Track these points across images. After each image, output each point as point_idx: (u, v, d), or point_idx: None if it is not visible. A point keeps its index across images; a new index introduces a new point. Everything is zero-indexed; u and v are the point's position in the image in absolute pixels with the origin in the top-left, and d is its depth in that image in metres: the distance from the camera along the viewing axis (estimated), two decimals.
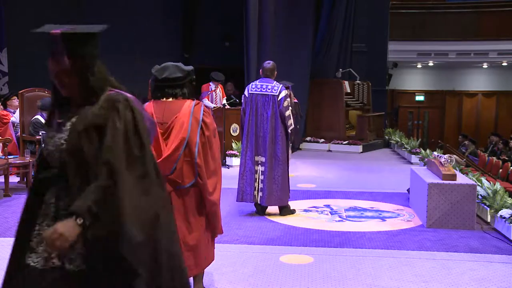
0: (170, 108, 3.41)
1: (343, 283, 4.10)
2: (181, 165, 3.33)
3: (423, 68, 20.23)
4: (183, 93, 3.45)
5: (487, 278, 4.28)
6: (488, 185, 6.35)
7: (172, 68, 3.44)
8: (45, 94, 8.07)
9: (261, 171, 6.07)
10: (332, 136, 13.45)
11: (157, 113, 3.41)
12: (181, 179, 3.35)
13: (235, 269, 4.28)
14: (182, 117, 3.35)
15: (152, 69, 3.51)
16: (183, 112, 3.37)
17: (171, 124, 3.36)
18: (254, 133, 6.07)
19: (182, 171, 3.34)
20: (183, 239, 3.36)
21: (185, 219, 3.39)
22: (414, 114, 19.62)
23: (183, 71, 3.44)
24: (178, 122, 3.35)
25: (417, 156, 10.81)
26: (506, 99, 19.81)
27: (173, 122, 3.36)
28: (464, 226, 5.72)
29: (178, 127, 3.34)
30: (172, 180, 3.34)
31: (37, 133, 7.57)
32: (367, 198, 7.33)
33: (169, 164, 3.30)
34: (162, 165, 3.28)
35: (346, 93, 14.00)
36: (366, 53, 15.47)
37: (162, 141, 3.34)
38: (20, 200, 6.81)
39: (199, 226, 3.44)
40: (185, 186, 3.36)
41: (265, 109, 6.03)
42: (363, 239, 5.33)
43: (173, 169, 3.32)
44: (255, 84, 6.16)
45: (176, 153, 3.31)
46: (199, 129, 3.36)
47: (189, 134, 3.33)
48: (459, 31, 17.62)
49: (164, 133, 3.36)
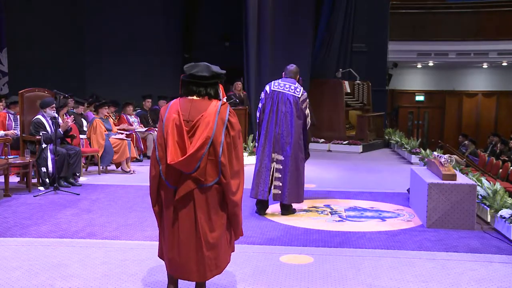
0: (196, 107, 3.41)
1: (343, 283, 4.10)
2: (205, 164, 3.33)
3: (423, 68, 20.24)
4: (208, 92, 3.46)
5: (487, 278, 4.28)
6: (488, 185, 6.35)
7: (202, 66, 3.46)
8: (45, 94, 8.06)
9: (278, 168, 6.15)
10: (332, 136, 13.45)
11: (183, 110, 3.41)
12: (204, 178, 3.34)
13: (235, 269, 4.28)
14: (208, 116, 3.36)
15: (185, 66, 3.53)
16: (209, 111, 3.38)
17: (196, 122, 3.36)
18: (273, 130, 6.14)
19: (205, 170, 3.33)
20: (204, 237, 3.37)
21: (208, 217, 3.38)
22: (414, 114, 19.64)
23: (210, 72, 3.45)
24: (204, 120, 3.35)
25: (417, 156, 10.81)
26: (506, 99, 19.82)
27: (199, 120, 3.36)
28: (464, 226, 5.72)
29: (203, 126, 3.34)
30: (195, 178, 3.33)
31: (37, 133, 7.56)
32: (367, 198, 7.33)
33: (193, 162, 3.29)
34: (185, 163, 3.29)
35: (346, 93, 14.00)
36: (366, 53, 15.47)
37: (187, 139, 3.34)
38: (20, 200, 6.82)
39: (220, 225, 3.43)
40: (208, 185, 3.36)
41: (286, 107, 6.11)
42: (363, 239, 5.33)
43: (197, 167, 3.30)
44: (277, 82, 6.24)
45: (201, 152, 3.30)
46: (224, 129, 3.36)
47: (214, 133, 3.33)
48: (459, 31, 17.63)
49: (189, 131, 3.36)
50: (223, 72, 3.56)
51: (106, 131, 9.18)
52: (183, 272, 3.45)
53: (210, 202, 3.38)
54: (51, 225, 5.62)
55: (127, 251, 4.76)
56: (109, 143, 9.04)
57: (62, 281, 4.01)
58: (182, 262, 3.41)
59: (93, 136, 8.98)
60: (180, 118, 3.37)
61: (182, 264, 3.42)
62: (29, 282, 3.99)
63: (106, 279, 4.08)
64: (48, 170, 7.48)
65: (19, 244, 4.95)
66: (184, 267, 3.42)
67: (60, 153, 7.51)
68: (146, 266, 4.34)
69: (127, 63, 14.38)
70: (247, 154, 10.41)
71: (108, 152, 9.01)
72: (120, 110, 11.08)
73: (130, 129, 10.27)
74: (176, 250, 3.42)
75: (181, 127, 3.35)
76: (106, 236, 5.28)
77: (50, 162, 7.48)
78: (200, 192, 3.37)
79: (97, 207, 6.50)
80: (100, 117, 9.30)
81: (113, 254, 4.67)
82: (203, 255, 3.38)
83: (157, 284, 3.96)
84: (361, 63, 15.25)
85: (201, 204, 3.37)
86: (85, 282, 4.00)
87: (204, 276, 3.44)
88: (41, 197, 6.99)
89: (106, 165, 9.18)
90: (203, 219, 3.37)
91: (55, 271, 4.23)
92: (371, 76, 15.13)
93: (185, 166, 3.31)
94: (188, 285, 3.81)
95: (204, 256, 3.38)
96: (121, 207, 6.50)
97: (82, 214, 6.15)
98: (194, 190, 3.35)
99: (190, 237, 3.38)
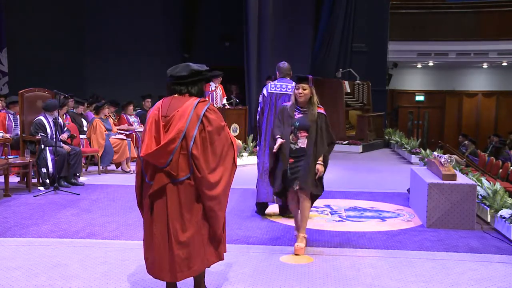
0: (175, 103, 3.45)
1: (343, 283, 4.10)
2: (177, 158, 3.33)
3: (423, 68, 20.24)
4: (189, 91, 3.49)
5: (487, 278, 4.28)
6: (488, 185, 6.35)
7: (181, 67, 3.52)
8: (45, 94, 8.06)
9: None
10: None
11: (163, 107, 3.46)
12: (176, 172, 3.33)
13: (235, 269, 4.28)
14: (183, 111, 3.38)
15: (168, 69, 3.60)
16: (185, 106, 3.40)
17: (172, 117, 3.39)
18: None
19: (177, 164, 3.33)
20: (175, 235, 3.34)
21: (179, 214, 3.36)
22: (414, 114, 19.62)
23: (189, 71, 3.48)
24: (178, 115, 3.38)
25: (417, 156, 10.82)
26: (506, 99, 19.82)
27: (174, 115, 3.39)
28: (464, 226, 5.72)
29: (177, 120, 3.37)
30: (167, 172, 3.33)
31: (37, 133, 7.56)
32: (367, 198, 7.33)
33: (165, 155, 3.30)
34: (156, 155, 3.29)
35: (346, 93, 14.00)
36: (366, 53, 15.48)
37: (163, 133, 3.36)
38: (20, 200, 6.82)
39: (194, 223, 3.39)
40: (180, 179, 3.35)
41: None
42: (363, 239, 5.33)
43: (169, 160, 3.31)
44: (274, 84, 6.22)
45: (172, 145, 3.31)
46: (198, 123, 3.36)
47: (187, 127, 3.33)
48: (459, 31, 17.63)
49: (165, 125, 3.39)
50: (203, 69, 3.56)
51: (106, 131, 9.18)
52: (155, 271, 3.42)
53: (182, 198, 3.36)
54: (51, 225, 5.62)
55: (127, 251, 4.76)
56: (109, 143, 9.04)
57: (62, 281, 4.01)
58: (156, 261, 3.40)
59: (93, 136, 8.98)
60: (159, 114, 3.42)
61: (156, 263, 3.40)
62: (29, 282, 3.99)
63: (106, 279, 4.08)
64: (48, 170, 7.48)
65: (19, 244, 4.95)
66: (157, 266, 3.40)
67: (60, 153, 7.51)
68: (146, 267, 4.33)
69: (127, 63, 14.38)
70: (247, 154, 10.41)
71: (108, 152, 9.01)
72: (120, 110, 11.08)
73: (130, 129, 10.26)
74: (151, 248, 3.41)
75: (158, 122, 3.39)
76: (106, 236, 5.28)
77: (50, 162, 7.48)
78: (172, 188, 3.35)
79: (97, 207, 6.50)
80: (100, 117, 9.30)
81: (113, 254, 4.67)
82: (173, 254, 3.35)
83: (157, 284, 3.95)
84: (361, 63, 15.25)
85: (173, 201, 3.35)
86: (85, 282, 4.00)
87: (174, 276, 3.38)
88: (41, 197, 6.99)
89: (106, 165, 9.18)
90: (174, 216, 3.35)
91: (55, 271, 4.23)
92: (371, 76, 15.13)
93: (157, 158, 3.31)
94: (189, 286, 3.81)
95: (174, 255, 3.34)
96: (121, 207, 6.50)
97: (82, 214, 6.15)
98: (167, 186, 3.34)
99: (163, 235, 3.36)
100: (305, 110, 4.82)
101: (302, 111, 4.84)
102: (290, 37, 12.87)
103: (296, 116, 4.83)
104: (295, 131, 4.81)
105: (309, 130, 4.78)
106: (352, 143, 13.11)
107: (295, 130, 4.81)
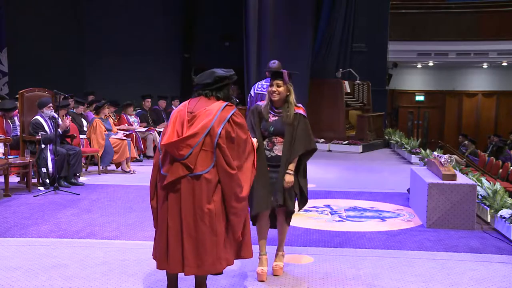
0: (202, 103, 3.51)
1: (343, 283, 4.10)
2: (197, 152, 3.34)
3: (423, 68, 20.24)
4: (216, 95, 3.55)
5: (487, 278, 4.28)
6: (488, 185, 6.35)
7: (206, 74, 3.58)
8: (45, 94, 8.06)
9: None
10: (332, 136, 13.45)
11: (190, 104, 3.54)
12: (194, 165, 3.33)
13: (235, 269, 4.28)
14: (210, 110, 3.44)
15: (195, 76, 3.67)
16: (213, 106, 3.46)
17: (198, 113, 3.44)
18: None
19: (196, 158, 3.34)
20: (187, 229, 3.32)
21: (193, 209, 3.33)
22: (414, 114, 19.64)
23: (213, 78, 3.54)
24: (205, 113, 3.43)
25: (417, 156, 10.81)
26: (506, 99, 19.82)
27: (201, 111, 3.44)
28: (464, 226, 5.72)
29: (203, 117, 3.41)
30: (185, 164, 3.33)
31: (36, 133, 7.56)
32: (367, 198, 7.33)
33: (186, 148, 3.32)
34: (176, 146, 3.30)
35: (346, 93, 14.00)
36: (366, 53, 15.47)
37: (187, 127, 3.40)
38: (20, 200, 6.82)
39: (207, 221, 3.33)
40: (196, 174, 3.33)
41: None
42: (363, 239, 5.33)
43: (189, 154, 3.32)
44: (261, 84, 6.16)
45: (194, 139, 3.33)
46: (224, 123, 3.40)
47: (212, 124, 3.37)
48: (459, 31, 17.63)
49: (190, 120, 3.43)
50: (228, 74, 3.61)
51: (106, 131, 9.18)
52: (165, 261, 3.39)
53: (197, 193, 3.33)
54: (51, 225, 5.62)
55: (127, 251, 4.76)
56: (109, 143, 9.04)
57: (62, 281, 4.01)
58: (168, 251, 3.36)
59: (93, 136, 8.98)
60: (185, 109, 3.49)
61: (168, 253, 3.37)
62: (29, 282, 3.99)
63: (106, 279, 4.08)
64: (48, 170, 7.48)
65: (19, 244, 4.95)
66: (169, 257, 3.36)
67: (60, 153, 7.51)
68: (146, 266, 4.33)
69: (127, 63, 14.38)
70: None
71: (108, 152, 9.01)
72: (120, 110, 11.08)
73: (130, 129, 10.27)
74: (164, 238, 3.39)
75: (183, 117, 3.45)
76: (106, 236, 5.28)
77: (50, 162, 7.47)
78: (188, 182, 3.34)
79: (97, 207, 6.50)
80: (100, 117, 9.30)
81: (113, 254, 4.67)
82: (184, 247, 3.33)
83: (157, 284, 3.95)
84: (361, 63, 15.24)
85: (187, 195, 3.34)
86: (85, 282, 4.00)
87: (181, 269, 3.36)
88: (41, 197, 6.99)
89: (106, 165, 9.18)
90: (188, 210, 3.33)
91: (55, 271, 4.23)
92: (371, 76, 15.13)
93: (176, 149, 3.32)
94: (189, 286, 3.81)
95: (185, 249, 3.33)
96: (121, 207, 6.50)
97: (82, 214, 6.15)
98: (182, 180, 3.34)
99: (176, 228, 3.36)
100: (281, 111, 4.13)
101: (278, 113, 4.14)
102: (290, 37, 12.85)
103: (271, 119, 4.14)
104: (270, 136, 4.12)
105: (284, 134, 4.10)
106: (352, 143, 13.12)
107: (270, 135, 4.12)
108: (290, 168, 4.09)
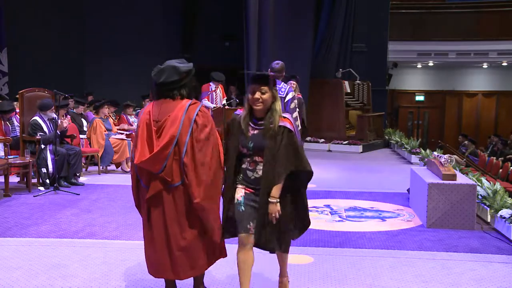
0: (166, 107, 3.37)
1: (343, 283, 4.10)
2: (171, 163, 3.30)
3: (423, 68, 20.24)
4: (181, 94, 3.41)
5: (487, 278, 4.28)
6: (488, 185, 6.35)
7: (169, 71, 3.37)
8: (45, 94, 8.06)
9: None
10: (332, 136, 13.45)
11: (154, 111, 3.39)
12: (171, 178, 3.30)
13: (235, 269, 4.27)
14: (174, 116, 3.32)
15: (152, 72, 3.45)
16: (177, 111, 3.34)
17: (164, 122, 3.33)
18: None
19: (171, 169, 3.30)
20: (174, 238, 3.34)
21: (176, 219, 3.34)
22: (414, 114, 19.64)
23: (180, 74, 3.37)
24: (170, 120, 3.32)
25: (417, 156, 10.81)
26: (506, 99, 19.82)
27: (166, 120, 3.33)
28: (464, 226, 5.72)
29: (169, 125, 3.31)
30: (162, 178, 3.30)
31: (35, 134, 7.56)
32: (367, 198, 7.33)
33: (159, 162, 3.27)
34: (150, 162, 3.26)
35: (346, 93, 14.00)
36: (366, 53, 15.47)
37: (155, 139, 3.32)
38: (20, 200, 6.82)
39: (193, 227, 3.37)
40: (174, 185, 3.32)
41: None
42: (363, 239, 5.33)
43: (163, 166, 3.28)
44: None
45: (165, 151, 3.27)
46: (190, 128, 3.30)
47: (179, 132, 3.29)
48: (459, 31, 17.63)
49: (157, 130, 3.34)
50: (191, 66, 3.45)
51: (106, 131, 9.18)
52: (159, 270, 3.44)
53: (178, 203, 3.33)
54: (51, 225, 5.62)
55: (127, 251, 4.76)
56: (109, 143, 9.04)
57: (62, 281, 4.01)
58: (158, 260, 3.41)
59: (93, 136, 8.98)
60: (150, 118, 3.35)
61: (157, 262, 3.41)
62: (29, 282, 3.99)
63: (106, 279, 4.08)
64: (48, 170, 7.48)
65: (19, 244, 4.95)
66: (160, 266, 3.41)
67: (60, 153, 7.51)
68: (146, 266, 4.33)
69: (127, 63, 14.38)
70: None
71: (108, 152, 9.01)
72: (120, 110, 11.08)
73: (130, 129, 10.26)
74: (152, 251, 3.42)
75: (150, 127, 3.34)
76: (106, 236, 5.28)
77: (50, 162, 7.47)
78: (168, 193, 3.33)
79: (97, 207, 6.50)
80: (100, 117, 9.30)
81: (113, 254, 4.67)
82: (175, 256, 3.36)
83: (157, 284, 3.95)
84: (361, 63, 15.25)
85: (170, 205, 3.33)
86: (85, 282, 4.00)
87: (178, 275, 3.42)
88: (41, 197, 6.99)
89: (106, 165, 9.18)
90: (172, 220, 3.33)
91: (55, 271, 4.23)
92: (371, 76, 15.13)
93: (151, 165, 3.28)
94: (188, 286, 3.81)
95: (176, 256, 3.36)
96: (121, 207, 6.50)
97: (82, 214, 6.15)
98: (163, 191, 3.32)
99: (162, 237, 3.37)
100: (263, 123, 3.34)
101: (259, 126, 3.35)
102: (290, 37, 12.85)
103: (251, 133, 3.35)
104: (251, 154, 3.35)
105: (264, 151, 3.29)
106: (352, 143, 13.12)
107: (250, 153, 3.35)
108: (272, 195, 3.28)
